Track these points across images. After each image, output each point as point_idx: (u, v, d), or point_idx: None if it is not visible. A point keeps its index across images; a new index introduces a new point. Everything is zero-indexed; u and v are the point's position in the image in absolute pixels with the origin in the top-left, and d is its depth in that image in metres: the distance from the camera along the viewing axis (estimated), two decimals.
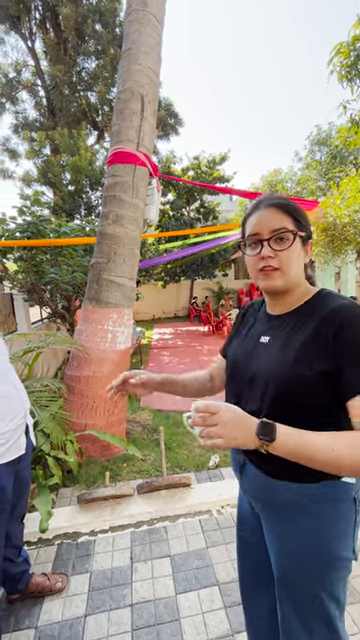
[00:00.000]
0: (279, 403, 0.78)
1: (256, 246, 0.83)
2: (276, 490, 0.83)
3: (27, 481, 1.46)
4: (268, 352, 0.85)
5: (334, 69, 4.35)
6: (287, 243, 0.80)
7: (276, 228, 0.80)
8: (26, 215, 4.23)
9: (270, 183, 12.22)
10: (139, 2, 2.72)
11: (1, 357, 1.32)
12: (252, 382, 0.86)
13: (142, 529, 2.00)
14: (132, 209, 2.81)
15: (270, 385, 0.79)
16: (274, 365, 0.80)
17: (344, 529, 0.80)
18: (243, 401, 0.88)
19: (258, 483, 0.87)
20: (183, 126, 11.45)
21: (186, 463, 2.77)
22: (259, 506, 0.91)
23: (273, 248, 0.80)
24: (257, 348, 0.89)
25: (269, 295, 0.90)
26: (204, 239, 7.28)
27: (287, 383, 0.76)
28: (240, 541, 1.07)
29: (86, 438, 2.69)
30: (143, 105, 2.75)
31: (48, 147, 10.20)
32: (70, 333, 5.21)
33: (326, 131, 12.32)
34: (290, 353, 0.78)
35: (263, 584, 1.01)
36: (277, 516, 0.85)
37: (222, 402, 0.72)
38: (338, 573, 0.80)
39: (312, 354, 0.75)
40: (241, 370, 0.91)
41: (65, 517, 2.05)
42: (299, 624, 0.83)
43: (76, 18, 9.49)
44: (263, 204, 0.84)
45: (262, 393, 0.81)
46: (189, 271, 12.04)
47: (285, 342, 0.81)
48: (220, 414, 0.68)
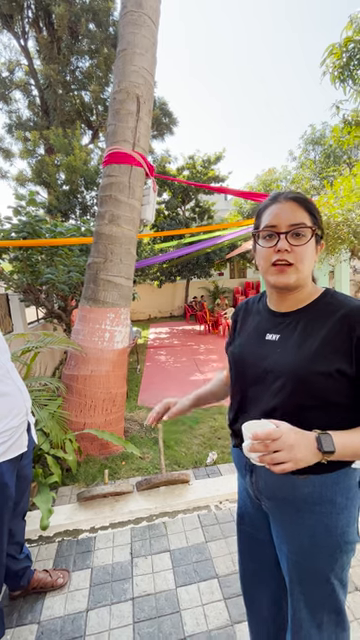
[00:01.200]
0: (296, 400, 0.78)
1: (271, 238, 0.82)
2: (294, 485, 0.83)
3: (29, 478, 1.48)
4: (281, 349, 0.84)
5: (327, 70, 4.40)
6: (304, 239, 0.79)
7: (295, 222, 0.79)
8: (22, 215, 4.23)
9: (265, 182, 12.30)
10: (134, 3, 2.74)
11: (3, 356, 1.34)
12: (264, 380, 0.85)
13: (142, 525, 2.03)
14: (128, 209, 2.83)
15: (288, 383, 0.79)
16: (292, 362, 0.79)
17: (353, 514, 0.83)
18: (250, 399, 0.89)
19: (274, 482, 0.86)
20: (177, 126, 11.47)
21: (184, 460, 2.81)
22: (271, 504, 0.90)
23: (290, 242, 0.79)
24: (265, 345, 0.88)
25: (277, 291, 0.87)
26: (199, 238, 7.32)
27: (307, 380, 0.77)
28: (241, 535, 1.07)
29: (85, 437, 2.71)
30: (139, 106, 2.77)
31: (42, 147, 10.16)
32: (67, 333, 5.21)
33: (320, 131, 12.42)
34: (309, 351, 0.78)
35: (265, 578, 1.03)
36: (292, 510, 0.85)
37: (280, 423, 0.71)
38: (347, 556, 0.84)
39: (332, 352, 0.76)
40: (251, 368, 0.90)
41: (65, 515, 2.07)
42: (310, 616, 0.85)
43: (70, 17, 9.45)
44: (283, 197, 0.83)
45: (277, 391, 0.81)
46: (185, 270, 12.08)
47: (301, 340, 0.81)
48: (283, 438, 0.67)
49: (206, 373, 5.82)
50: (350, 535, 0.82)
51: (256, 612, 1.09)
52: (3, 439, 1.25)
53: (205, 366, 6.31)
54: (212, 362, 6.60)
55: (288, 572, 0.88)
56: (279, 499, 0.87)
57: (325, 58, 4.36)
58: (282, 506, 0.87)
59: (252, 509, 1.01)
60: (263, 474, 0.89)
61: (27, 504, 1.53)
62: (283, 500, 0.86)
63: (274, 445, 0.67)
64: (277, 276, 0.82)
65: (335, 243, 4.65)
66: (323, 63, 4.37)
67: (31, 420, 1.46)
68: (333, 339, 0.77)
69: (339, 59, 4.24)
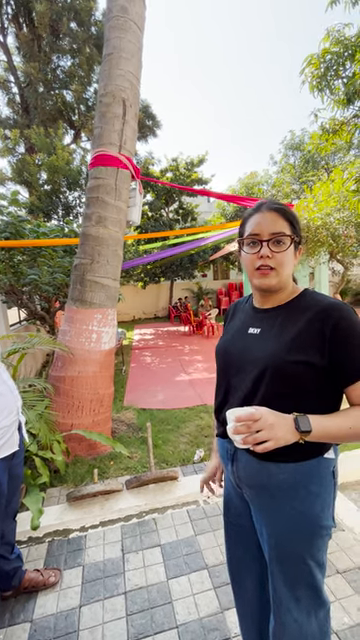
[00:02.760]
0: (273, 388, 0.85)
1: (255, 245, 0.90)
2: (270, 473, 0.89)
3: (20, 477, 1.49)
4: (260, 341, 0.91)
5: (306, 79, 4.58)
6: (284, 246, 0.88)
7: (276, 231, 0.87)
8: (3, 215, 4.16)
9: (247, 185, 12.54)
10: (120, 9, 2.78)
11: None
12: (244, 370, 0.92)
13: (132, 522, 2.06)
14: (115, 211, 2.86)
15: (265, 371, 0.85)
16: (269, 352, 0.86)
17: (326, 500, 0.90)
18: (233, 388, 0.96)
19: (251, 469, 0.92)
20: (161, 128, 11.54)
21: (172, 458, 2.85)
22: (250, 492, 0.96)
23: (271, 249, 0.88)
24: (247, 339, 0.95)
25: (261, 292, 0.96)
26: (183, 240, 7.39)
27: (282, 369, 0.83)
28: (228, 526, 1.14)
29: (72, 438, 2.71)
30: (125, 109, 2.81)
31: (22, 145, 9.97)
32: (50, 335, 5.14)
33: (299, 136, 12.81)
34: (286, 341, 0.85)
35: (250, 564, 1.10)
36: (268, 496, 0.91)
37: (259, 407, 0.78)
38: (322, 540, 0.91)
39: (307, 343, 0.83)
40: (232, 360, 0.97)
41: (55, 515, 2.08)
42: (288, 592, 0.92)
43: (51, 15, 9.34)
44: (265, 207, 0.91)
45: (255, 379, 0.87)
46: (169, 272, 12.13)
47: (279, 331, 0.88)
48: (264, 419, 0.75)
49: (191, 374, 5.89)
50: (324, 520, 0.89)
51: (242, 595, 1.15)
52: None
53: (190, 367, 6.38)
54: (197, 362, 6.68)
55: (268, 553, 0.95)
56: (257, 486, 0.93)
57: (304, 67, 4.53)
58: (260, 493, 0.93)
59: (236, 498, 1.07)
60: (242, 462, 0.95)
61: (18, 504, 1.54)
62: (261, 487, 0.92)
63: (255, 425, 0.74)
64: (261, 279, 0.90)
65: (315, 246, 4.83)
66: (302, 72, 4.54)
67: (22, 419, 1.47)
68: (307, 332, 0.84)
69: (317, 69, 4.43)
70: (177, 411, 4.09)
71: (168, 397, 4.69)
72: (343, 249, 4.80)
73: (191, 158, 11.76)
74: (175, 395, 4.76)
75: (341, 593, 1.53)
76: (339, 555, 1.74)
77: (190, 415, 3.94)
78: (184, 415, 3.94)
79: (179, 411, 4.09)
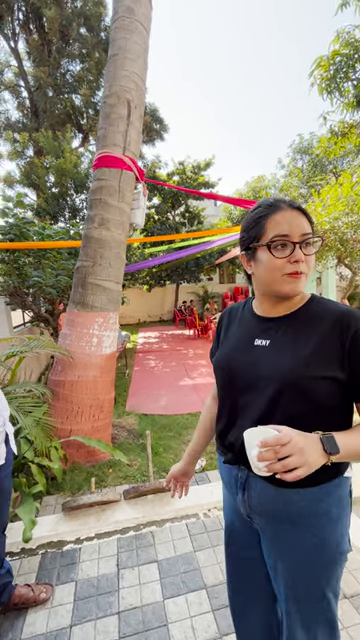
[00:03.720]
0: (290, 406, 0.77)
1: (285, 248, 0.78)
2: (289, 500, 0.80)
3: (7, 491, 1.43)
4: (272, 355, 0.82)
5: (315, 82, 4.52)
6: (313, 249, 0.80)
7: (306, 232, 0.79)
8: (8, 217, 4.15)
9: (254, 189, 12.47)
10: (125, 9, 2.75)
11: None
12: (255, 387, 0.83)
13: (129, 535, 1.98)
14: (118, 213, 2.81)
15: (281, 388, 0.77)
16: (286, 367, 0.78)
17: (345, 523, 0.82)
18: (241, 407, 0.87)
19: (267, 497, 0.83)
20: (168, 132, 11.56)
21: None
22: (263, 521, 0.87)
23: (303, 252, 0.78)
24: (254, 352, 0.86)
25: (275, 299, 0.85)
26: (189, 244, 7.34)
27: (300, 385, 0.76)
28: (231, 559, 1.03)
29: (71, 444, 2.65)
30: (129, 110, 2.77)
31: (31, 148, 10.06)
32: (54, 337, 5.12)
33: (308, 140, 12.70)
34: (301, 356, 0.77)
35: (257, 599, 1.00)
36: (286, 526, 0.83)
37: (282, 428, 0.68)
38: (341, 567, 0.83)
39: (324, 357, 0.76)
40: (237, 376, 0.88)
41: (49, 526, 2.01)
42: (305, 634, 0.84)
43: (61, 21, 9.45)
44: (286, 204, 0.80)
45: (271, 398, 0.79)
46: (174, 275, 12.09)
47: (293, 344, 0.80)
48: (293, 442, 0.64)
49: (195, 378, 5.80)
50: (344, 545, 0.82)
51: (246, 632, 1.05)
52: None
53: (194, 371, 6.29)
54: (201, 367, 6.59)
55: (283, 591, 0.85)
56: (273, 515, 0.84)
57: (313, 70, 4.47)
58: (275, 523, 0.85)
59: (241, 528, 0.97)
60: (257, 490, 0.85)
61: (7, 518, 1.47)
62: (277, 516, 0.83)
63: (284, 450, 0.63)
64: (292, 285, 0.79)
65: (322, 250, 4.73)
66: (311, 74, 4.48)
67: (9, 430, 1.41)
68: (325, 344, 0.76)
69: (326, 71, 4.36)
70: (179, 417, 4.01)
71: (171, 402, 4.61)
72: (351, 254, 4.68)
73: (198, 162, 11.75)
74: (178, 400, 4.68)
75: (348, 621, 1.43)
76: (347, 578, 1.64)
77: (192, 421, 3.85)
78: (186, 421, 3.86)
79: (181, 417, 4.01)
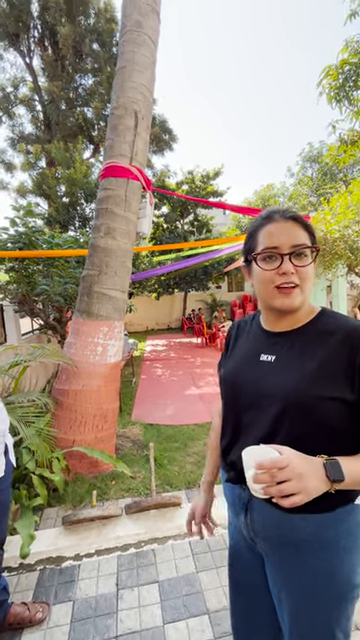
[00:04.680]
0: (295, 426, 0.73)
1: (273, 260, 0.76)
2: (294, 526, 0.75)
3: (6, 504, 1.39)
4: (277, 371, 0.79)
5: (323, 90, 4.50)
6: (307, 260, 0.76)
7: (298, 243, 0.75)
8: (18, 226, 4.22)
9: (263, 198, 12.48)
10: (134, 23, 2.79)
11: None
12: (259, 405, 0.79)
13: (129, 552, 1.92)
14: (124, 222, 2.82)
15: (286, 407, 0.73)
16: (290, 385, 0.74)
17: (356, 555, 0.76)
18: (245, 425, 0.83)
19: (271, 521, 0.78)
20: (177, 142, 11.69)
21: (177, 480, 2.70)
22: (267, 546, 0.82)
23: (294, 264, 0.75)
24: (259, 367, 0.82)
25: (276, 313, 0.82)
26: (198, 252, 7.34)
27: (306, 405, 0.71)
28: (233, 584, 0.97)
29: (74, 455, 2.61)
30: (137, 121, 2.79)
31: (44, 160, 10.30)
32: (61, 345, 5.13)
33: (317, 149, 12.69)
34: (309, 372, 0.73)
35: (260, 626, 0.93)
36: (291, 554, 0.77)
37: (283, 448, 0.64)
38: (352, 605, 0.76)
39: (332, 376, 0.71)
40: (242, 392, 0.85)
41: (49, 540, 1.96)
42: None
43: (74, 37, 9.75)
44: (279, 215, 0.78)
45: (275, 417, 0.75)
46: (182, 283, 12.09)
47: (299, 360, 0.76)
48: (291, 467, 0.60)
49: (202, 387, 5.72)
50: (355, 579, 0.75)
51: None
52: None
53: (201, 380, 6.21)
54: (209, 376, 6.50)
55: (288, 623, 0.79)
56: (277, 541, 0.79)
57: (322, 79, 4.46)
58: (280, 549, 0.79)
59: (245, 550, 0.91)
60: (260, 513, 0.80)
61: (5, 532, 1.43)
62: (281, 542, 0.78)
63: (281, 474, 0.60)
64: (283, 299, 0.76)
65: (332, 259, 4.65)
66: (320, 84, 4.47)
67: (9, 442, 1.39)
68: (333, 362, 0.72)
69: (335, 80, 4.34)
70: (185, 427, 3.93)
71: (177, 412, 4.54)
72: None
73: (207, 171, 11.83)
74: (184, 410, 4.61)
75: None
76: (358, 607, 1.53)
77: (198, 432, 3.78)
78: (192, 432, 3.79)
79: (187, 427, 3.93)
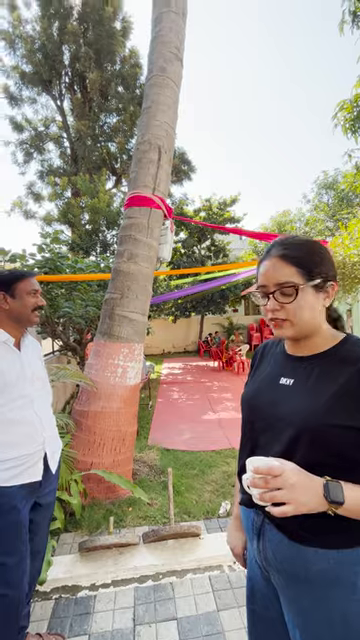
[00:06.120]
0: (308, 453, 0.72)
1: (263, 297, 0.81)
2: (308, 560, 0.72)
3: (51, 507, 1.50)
4: (294, 395, 0.79)
5: (339, 122, 4.67)
6: (290, 298, 0.77)
7: (281, 282, 0.77)
8: (45, 252, 4.45)
9: (279, 223, 12.66)
10: (159, 69, 3.05)
11: (30, 386, 1.39)
12: (274, 428, 0.79)
13: (147, 585, 1.84)
14: (146, 248, 2.93)
15: (299, 434, 0.73)
16: (305, 411, 0.74)
17: None
18: (260, 447, 0.83)
19: (283, 551, 0.76)
20: (195, 172, 12.18)
21: (195, 509, 2.61)
22: (280, 579, 0.79)
23: (279, 301, 0.78)
24: (278, 390, 0.83)
25: (289, 338, 0.86)
26: (214, 276, 7.44)
27: (319, 433, 0.71)
28: (253, 616, 0.93)
29: (91, 478, 2.58)
30: (160, 155, 2.97)
31: (69, 190, 10.95)
32: (80, 366, 5.21)
33: (332, 176, 12.93)
34: (321, 401, 0.73)
35: None
36: (304, 590, 0.74)
37: (284, 461, 0.67)
38: None
39: (350, 404, 0.70)
40: (260, 414, 0.85)
41: (65, 567, 1.91)
42: None
43: (101, 81, 10.62)
44: (272, 252, 0.81)
45: (289, 442, 0.75)
46: (199, 306, 12.17)
47: (313, 388, 0.76)
48: (285, 476, 0.63)
49: (219, 412, 5.61)
50: None
51: None
52: (15, 463, 1.30)
53: (218, 405, 6.10)
54: (226, 401, 6.38)
55: None
56: (289, 574, 0.76)
57: (336, 112, 4.64)
58: (293, 584, 0.76)
59: (263, 582, 0.87)
60: (272, 540, 0.78)
61: (46, 540, 1.48)
62: (294, 577, 0.75)
63: (274, 482, 0.63)
64: (276, 330, 0.82)
65: (352, 282, 4.62)
66: (335, 117, 4.65)
67: (49, 450, 1.45)
68: (352, 390, 0.71)
69: (350, 113, 4.51)
70: (203, 454, 3.84)
71: (194, 437, 4.45)
72: None
73: (224, 198, 12.20)
74: (201, 435, 4.51)
75: None
76: None
77: (217, 459, 3.67)
78: (210, 459, 3.68)
79: (205, 454, 3.83)
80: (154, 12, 3.26)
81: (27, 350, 1.45)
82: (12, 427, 1.32)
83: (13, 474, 1.29)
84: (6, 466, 1.28)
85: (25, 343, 1.46)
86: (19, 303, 1.37)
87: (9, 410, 1.31)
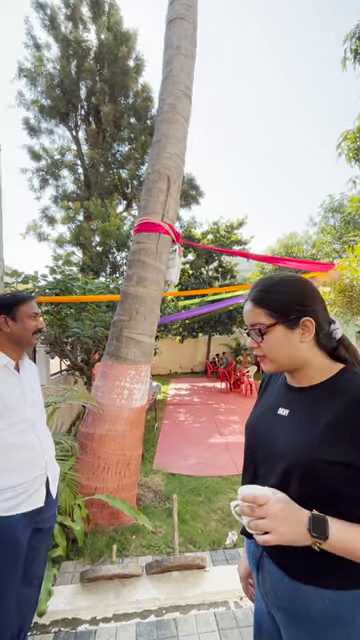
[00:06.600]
0: (300, 488, 0.71)
1: (248, 336, 0.86)
2: (306, 599, 0.71)
3: (50, 532, 1.46)
4: (288, 427, 0.80)
5: (342, 151, 4.83)
6: (262, 336, 0.81)
7: (252, 323, 0.82)
8: (57, 274, 4.59)
9: (286, 246, 12.81)
10: (169, 106, 3.24)
11: (31, 410, 1.38)
12: (270, 460, 0.81)
13: (149, 620, 1.77)
14: (155, 272, 3.01)
15: (291, 468, 0.73)
16: (297, 445, 0.75)
17: None
18: (260, 479, 0.83)
19: (282, 588, 0.75)
20: (203, 196, 12.57)
21: (200, 539, 2.52)
22: (281, 615, 0.78)
23: (254, 339, 0.82)
24: (275, 420, 0.84)
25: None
26: (222, 297, 7.50)
27: (311, 468, 0.71)
28: None
29: (94, 503, 2.54)
30: (169, 184, 3.10)
31: (82, 214, 11.37)
32: (87, 386, 5.23)
33: (338, 200, 13.14)
34: (311, 436, 0.73)
35: None
36: (305, 629, 0.73)
37: (271, 490, 0.68)
38: None
39: (340, 439, 0.70)
40: (258, 443, 0.87)
41: (66, 598, 1.85)
42: None
43: (115, 114, 11.25)
44: (249, 295, 0.87)
45: (282, 475, 0.75)
46: (207, 327, 12.18)
47: (309, 418, 0.76)
48: (269, 506, 0.65)
49: (226, 436, 5.49)
50: None
51: None
52: (18, 492, 1.27)
53: (226, 428, 5.98)
54: (233, 424, 6.26)
55: None
56: (290, 612, 0.75)
57: (340, 142, 4.81)
58: (294, 623, 0.74)
59: (269, 620, 0.86)
60: (272, 577, 0.77)
61: (42, 569, 1.42)
62: (294, 615, 0.74)
63: (259, 511, 0.65)
64: (261, 365, 0.86)
65: (359, 305, 4.60)
66: (339, 146, 4.81)
67: (50, 474, 1.43)
68: (343, 422, 0.70)
69: (353, 142, 4.67)
70: (209, 479, 3.74)
71: (200, 462, 4.35)
72: None
73: (231, 222, 12.47)
74: (208, 460, 4.41)
75: None
76: None
77: (223, 486, 3.57)
78: (216, 485, 3.59)
79: (211, 480, 3.74)
80: (165, 55, 3.50)
81: (26, 373, 1.44)
82: (14, 452, 1.29)
83: (15, 503, 1.26)
84: (7, 495, 1.25)
85: (24, 366, 1.44)
86: (20, 326, 1.36)
87: (10, 434, 1.29)
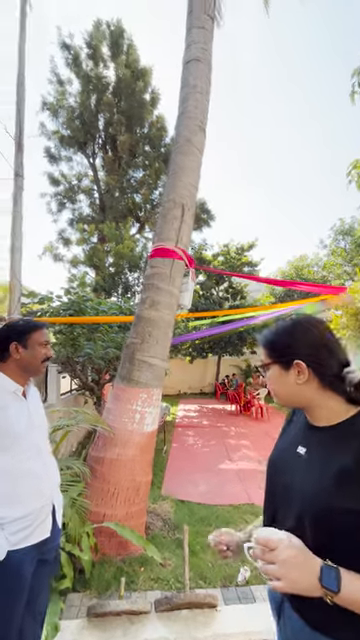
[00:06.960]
0: (315, 535, 0.69)
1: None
2: None
3: (55, 564, 1.42)
4: (304, 468, 0.79)
5: (352, 179, 4.94)
6: (268, 373, 0.89)
7: (262, 360, 0.92)
8: (71, 295, 4.71)
9: (297, 268, 12.86)
10: (184, 140, 3.41)
11: (38, 434, 1.37)
12: (287, 501, 0.79)
13: None
14: (168, 296, 3.06)
15: (305, 514, 0.72)
16: (310, 490, 0.73)
17: None
18: (279, 522, 0.82)
19: (302, 637, 0.73)
20: (214, 220, 12.84)
21: (211, 574, 2.42)
22: None
23: (262, 374, 0.94)
24: (293, 460, 0.84)
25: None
26: (232, 318, 7.51)
27: (325, 516, 0.69)
28: None
29: (102, 531, 2.48)
30: (183, 212, 3.21)
31: (96, 236, 11.74)
32: (97, 406, 5.22)
33: (349, 223, 13.26)
34: (328, 480, 0.71)
35: None
36: None
37: (287, 535, 0.66)
38: None
39: (348, 486, 0.68)
40: (279, 482, 0.86)
41: (72, 635, 1.79)
42: None
43: (130, 142, 11.82)
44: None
45: (296, 519, 0.74)
46: (217, 347, 12.13)
47: (324, 461, 0.75)
48: (279, 551, 0.63)
49: (237, 462, 5.34)
50: None
51: None
52: (25, 524, 1.23)
53: (236, 452, 5.83)
54: (244, 448, 6.10)
55: None
56: None
57: (350, 170, 4.93)
58: None
59: None
60: (291, 618, 0.75)
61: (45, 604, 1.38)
62: None
63: (269, 555, 0.63)
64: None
65: None
66: (349, 174, 4.92)
67: (56, 502, 1.40)
68: (354, 469, 0.68)
69: None
70: (220, 508, 3.62)
71: (210, 489, 4.23)
72: None
73: (242, 244, 12.66)
74: (218, 487, 4.28)
75: None
76: None
77: (234, 515, 3.45)
78: (227, 515, 3.47)
79: (222, 509, 3.62)
80: (182, 93, 3.71)
81: (32, 399, 1.43)
82: (21, 479, 1.26)
83: (24, 535, 1.22)
84: (16, 528, 1.21)
85: (30, 392, 1.44)
86: (30, 354, 1.35)
87: (19, 462, 1.26)
